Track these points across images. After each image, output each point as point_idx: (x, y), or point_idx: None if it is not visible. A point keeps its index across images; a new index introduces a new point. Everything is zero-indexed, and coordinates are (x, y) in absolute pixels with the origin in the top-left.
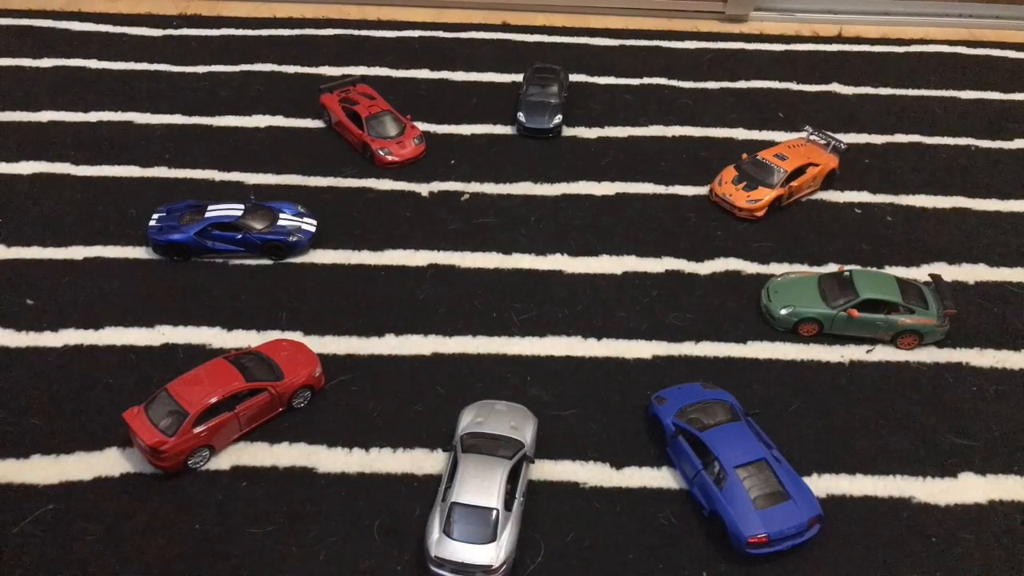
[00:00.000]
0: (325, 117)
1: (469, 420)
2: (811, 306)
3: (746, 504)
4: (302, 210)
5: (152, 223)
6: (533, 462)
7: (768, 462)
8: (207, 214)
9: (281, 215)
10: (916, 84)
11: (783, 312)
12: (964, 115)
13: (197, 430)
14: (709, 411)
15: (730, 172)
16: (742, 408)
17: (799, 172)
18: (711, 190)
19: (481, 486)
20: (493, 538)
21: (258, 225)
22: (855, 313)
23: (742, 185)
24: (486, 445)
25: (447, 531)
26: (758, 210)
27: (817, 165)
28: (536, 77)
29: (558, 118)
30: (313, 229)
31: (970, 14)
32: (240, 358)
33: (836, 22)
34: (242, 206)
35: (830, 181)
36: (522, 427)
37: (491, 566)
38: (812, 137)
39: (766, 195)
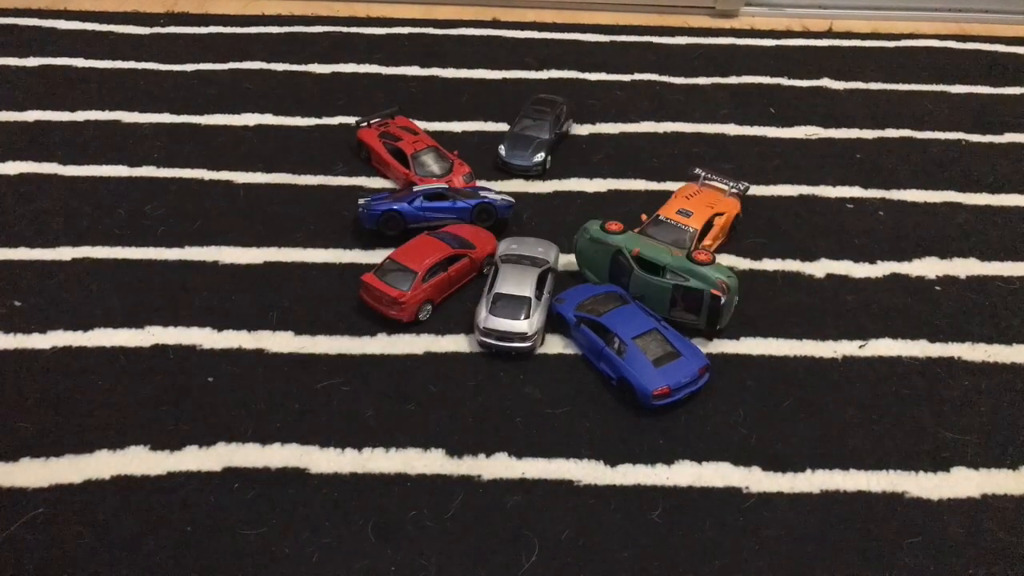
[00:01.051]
0: (363, 154)
1: (505, 247)
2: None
3: (646, 365)
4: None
5: (360, 206)
6: (556, 271)
7: (659, 330)
8: (415, 190)
9: (480, 192)
10: (907, 79)
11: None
12: (954, 109)
13: (424, 285)
14: (602, 301)
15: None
16: (631, 296)
17: (707, 227)
18: None
19: (518, 283)
20: (528, 316)
21: (464, 194)
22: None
23: None
24: (520, 259)
25: (492, 312)
26: None
27: (722, 214)
28: (532, 109)
29: (540, 155)
30: (513, 200)
31: (960, 8)
32: (439, 234)
33: (826, 17)
34: (445, 184)
35: (734, 228)
36: (548, 252)
37: (526, 333)
38: (707, 182)
39: None
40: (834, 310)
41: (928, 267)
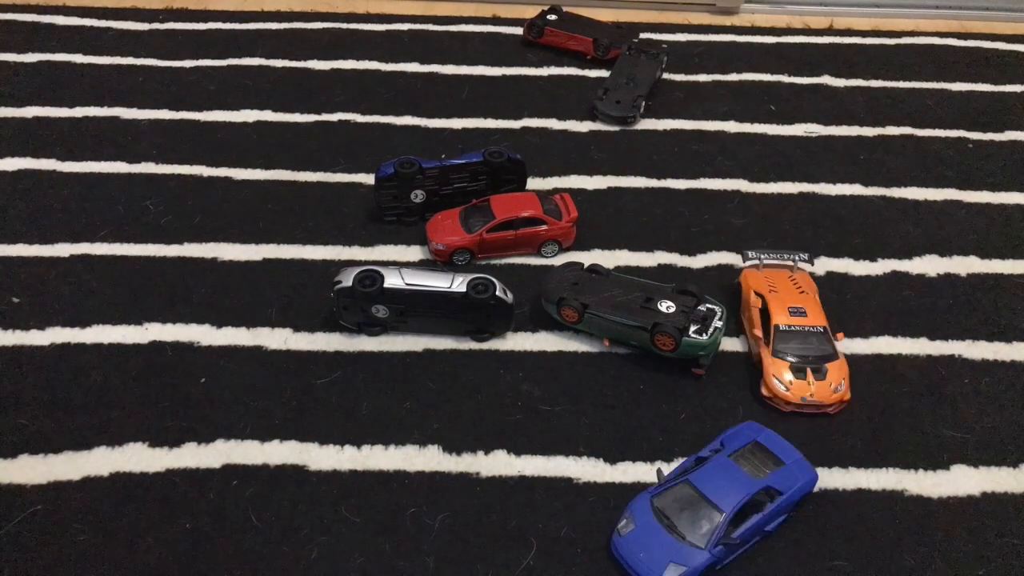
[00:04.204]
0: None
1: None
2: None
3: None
4: None
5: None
6: None
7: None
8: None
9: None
10: (907, 76)
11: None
12: (955, 107)
13: None
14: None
15: (779, 365)
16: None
17: None
18: (768, 391)
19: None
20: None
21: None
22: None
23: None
24: None
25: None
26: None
27: (810, 293)
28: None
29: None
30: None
31: (960, 6)
32: None
33: (827, 14)
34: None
35: None
36: None
37: None
38: (768, 262)
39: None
40: (834, 308)
41: (928, 265)
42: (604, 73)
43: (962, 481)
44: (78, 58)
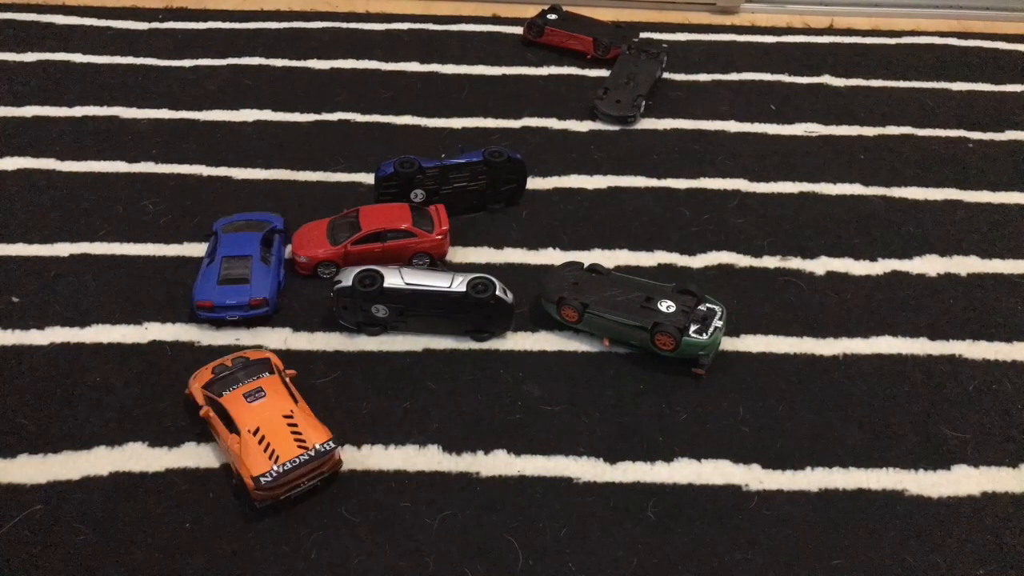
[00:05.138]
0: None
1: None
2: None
3: (211, 281)
4: None
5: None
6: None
7: (253, 257)
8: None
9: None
10: (907, 76)
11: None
12: (955, 107)
13: None
14: (243, 225)
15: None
16: (284, 228)
17: None
18: None
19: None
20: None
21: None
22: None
23: None
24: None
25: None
26: None
27: None
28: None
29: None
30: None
31: (960, 5)
32: None
33: (827, 13)
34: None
35: None
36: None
37: None
38: None
39: None
40: (834, 308)
41: (928, 265)
42: (604, 73)
43: (962, 481)
44: (78, 58)
